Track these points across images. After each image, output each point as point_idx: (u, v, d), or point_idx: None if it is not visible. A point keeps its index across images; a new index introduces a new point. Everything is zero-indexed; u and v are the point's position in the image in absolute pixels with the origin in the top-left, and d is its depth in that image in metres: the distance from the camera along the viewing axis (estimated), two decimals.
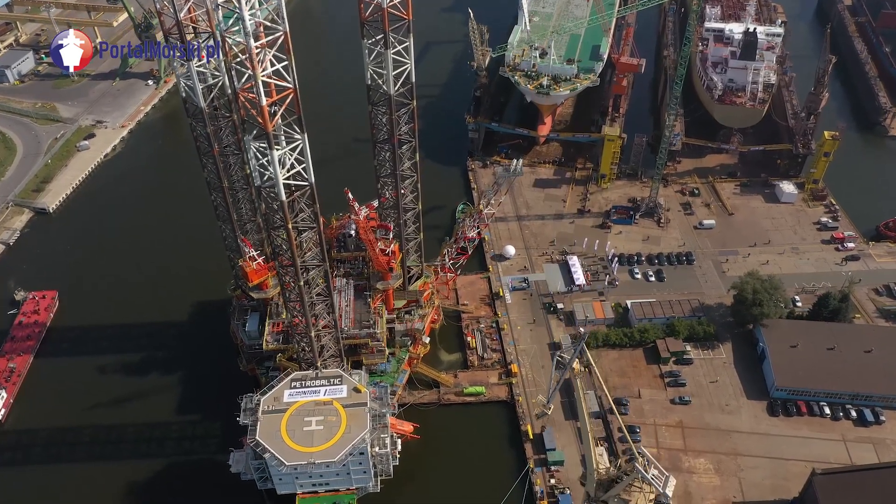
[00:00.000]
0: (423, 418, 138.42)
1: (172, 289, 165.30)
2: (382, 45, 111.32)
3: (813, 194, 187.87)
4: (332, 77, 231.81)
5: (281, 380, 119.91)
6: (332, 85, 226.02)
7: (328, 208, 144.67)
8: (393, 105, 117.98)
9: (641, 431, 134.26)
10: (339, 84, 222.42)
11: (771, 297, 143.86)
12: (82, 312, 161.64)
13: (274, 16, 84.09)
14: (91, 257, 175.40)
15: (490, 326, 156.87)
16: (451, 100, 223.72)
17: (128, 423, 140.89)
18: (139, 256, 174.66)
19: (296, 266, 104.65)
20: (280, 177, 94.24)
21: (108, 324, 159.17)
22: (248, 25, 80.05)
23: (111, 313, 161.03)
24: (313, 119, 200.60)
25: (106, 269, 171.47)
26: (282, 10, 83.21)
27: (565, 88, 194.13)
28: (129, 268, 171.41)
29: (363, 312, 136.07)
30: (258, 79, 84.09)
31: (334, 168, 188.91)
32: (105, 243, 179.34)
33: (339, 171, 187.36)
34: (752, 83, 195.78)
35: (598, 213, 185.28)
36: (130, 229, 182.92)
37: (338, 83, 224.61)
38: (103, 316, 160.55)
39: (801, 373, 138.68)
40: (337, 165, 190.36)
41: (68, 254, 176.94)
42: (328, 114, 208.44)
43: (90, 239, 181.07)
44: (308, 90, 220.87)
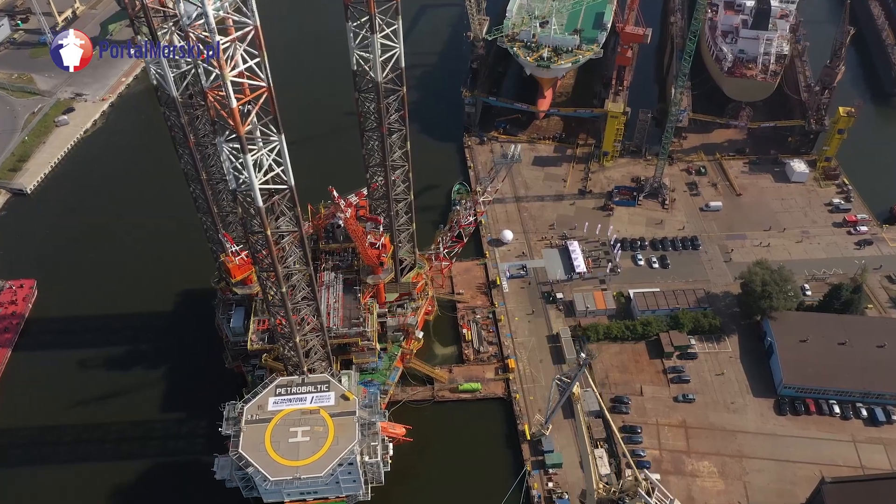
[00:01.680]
0: (416, 416, 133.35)
1: (157, 276, 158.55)
2: (368, 29, 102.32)
3: (825, 173, 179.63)
4: (319, 51, 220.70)
5: (265, 385, 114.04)
6: (319, 60, 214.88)
7: (315, 195, 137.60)
8: (381, 93, 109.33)
9: (643, 432, 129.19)
10: (327, 58, 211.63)
11: (781, 290, 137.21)
12: (62, 302, 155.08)
13: (242, 6, 75.28)
14: (71, 243, 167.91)
15: (486, 317, 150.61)
16: (446, 70, 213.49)
17: (111, 421, 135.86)
18: (122, 241, 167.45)
19: (277, 273, 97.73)
20: (256, 182, 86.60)
21: (90, 314, 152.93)
22: (211, 21, 71.47)
23: (93, 303, 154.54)
24: (299, 96, 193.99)
25: (87, 256, 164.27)
26: (250, 2, 74.32)
27: (567, 61, 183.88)
28: (112, 254, 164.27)
29: (353, 309, 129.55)
30: (226, 79, 75.79)
31: (321, 150, 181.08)
32: (86, 227, 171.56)
33: (327, 153, 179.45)
34: (765, 54, 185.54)
35: (599, 193, 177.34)
36: (113, 212, 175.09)
37: (325, 57, 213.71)
38: (85, 306, 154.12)
39: (811, 370, 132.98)
40: (324, 147, 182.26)
41: (47, 239, 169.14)
42: (316, 91, 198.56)
43: (70, 223, 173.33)
44: (292, 64, 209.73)
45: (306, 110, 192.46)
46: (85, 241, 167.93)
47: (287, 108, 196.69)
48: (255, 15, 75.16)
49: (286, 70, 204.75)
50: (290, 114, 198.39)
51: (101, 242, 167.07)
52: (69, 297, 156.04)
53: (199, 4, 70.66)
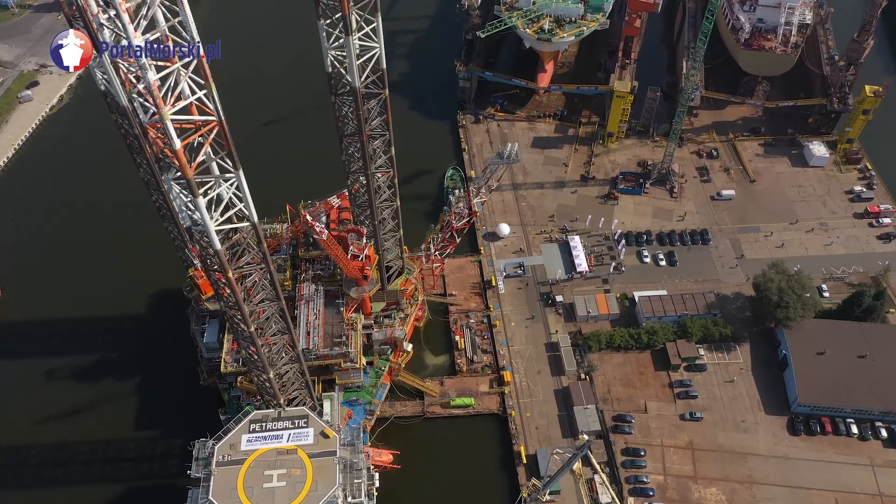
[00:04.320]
0: (404, 434, 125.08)
1: (130, 276, 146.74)
2: (342, 30, 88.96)
3: (846, 156, 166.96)
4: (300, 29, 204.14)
5: (239, 420, 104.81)
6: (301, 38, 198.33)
7: (294, 195, 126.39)
8: (360, 98, 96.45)
9: (647, 455, 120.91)
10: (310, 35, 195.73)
11: (799, 299, 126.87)
12: (28, 306, 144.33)
13: (181, 30, 62.31)
14: (37, 238, 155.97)
15: (481, 322, 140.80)
16: (438, 41, 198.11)
17: (80, 440, 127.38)
18: (92, 235, 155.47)
19: (243, 313, 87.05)
20: (211, 224, 74.99)
21: (58, 318, 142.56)
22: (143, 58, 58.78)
23: (60, 305, 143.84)
24: (275, 82, 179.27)
25: (54, 253, 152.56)
26: (189, 26, 61.12)
27: (570, 33, 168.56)
28: (81, 251, 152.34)
29: (335, 324, 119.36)
30: (166, 119, 63.43)
31: (301, 141, 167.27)
32: (53, 221, 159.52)
33: (304, 146, 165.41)
34: (786, 24, 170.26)
35: (603, 180, 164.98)
36: (82, 201, 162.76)
37: (309, 35, 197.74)
38: (51, 309, 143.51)
39: (828, 386, 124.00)
40: (305, 137, 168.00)
41: (11, 235, 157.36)
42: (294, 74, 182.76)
43: (35, 214, 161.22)
44: (268, 46, 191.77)
45: (284, 97, 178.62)
46: (51, 236, 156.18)
47: (263, 96, 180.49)
48: (196, 42, 62.26)
49: (261, 52, 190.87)
50: (266, 102, 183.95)
51: (68, 238, 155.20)
52: (35, 299, 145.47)
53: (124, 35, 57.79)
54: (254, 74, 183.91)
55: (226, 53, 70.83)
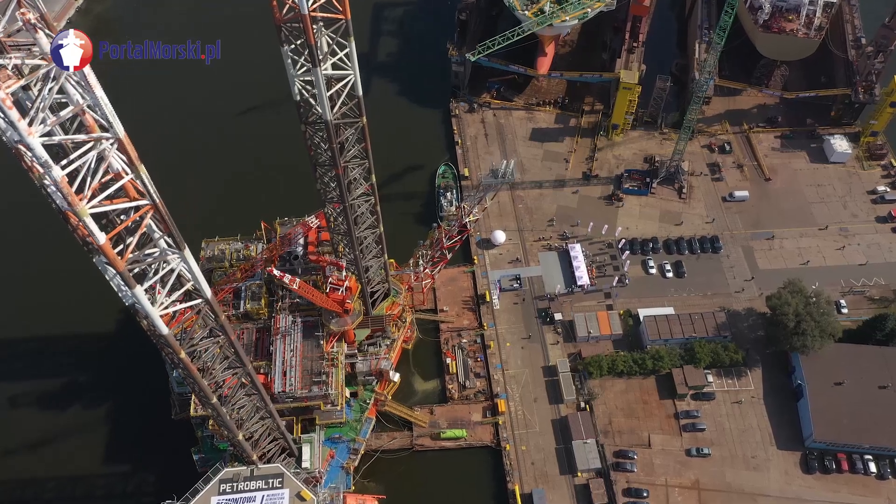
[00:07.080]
0: (391, 470, 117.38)
1: (98, 286, 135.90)
2: (308, 59, 76.45)
3: (869, 150, 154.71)
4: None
5: (208, 479, 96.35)
6: None
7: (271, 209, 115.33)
8: (332, 131, 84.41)
9: (650, 496, 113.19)
10: None
11: (818, 325, 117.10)
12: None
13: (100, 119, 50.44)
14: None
15: (474, 342, 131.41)
16: (429, 21, 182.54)
17: (45, 476, 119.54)
18: (56, 241, 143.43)
19: (203, 388, 77.30)
20: (155, 312, 64.37)
21: (19, 337, 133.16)
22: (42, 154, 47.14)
23: (19, 322, 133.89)
24: (256, 80, 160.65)
25: (12, 260, 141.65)
26: (106, 112, 49.14)
27: (572, 15, 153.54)
28: (43, 258, 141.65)
29: (314, 360, 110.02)
30: (83, 216, 52.12)
31: (277, 149, 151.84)
32: (10, 221, 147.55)
33: (281, 157, 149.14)
34: (809, 4, 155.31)
35: (607, 178, 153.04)
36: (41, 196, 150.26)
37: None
38: (12, 327, 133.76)
39: (846, 421, 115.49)
40: (281, 145, 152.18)
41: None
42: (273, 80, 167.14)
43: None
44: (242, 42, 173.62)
45: (261, 106, 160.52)
46: (9, 239, 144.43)
47: (239, 103, 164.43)
48: (115, 125, 50.46)
49: (242, 56, 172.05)
50: (241, 109, 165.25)
51: (26, 240, 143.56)
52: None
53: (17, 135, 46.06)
54: (232, 80, 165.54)
55: None
